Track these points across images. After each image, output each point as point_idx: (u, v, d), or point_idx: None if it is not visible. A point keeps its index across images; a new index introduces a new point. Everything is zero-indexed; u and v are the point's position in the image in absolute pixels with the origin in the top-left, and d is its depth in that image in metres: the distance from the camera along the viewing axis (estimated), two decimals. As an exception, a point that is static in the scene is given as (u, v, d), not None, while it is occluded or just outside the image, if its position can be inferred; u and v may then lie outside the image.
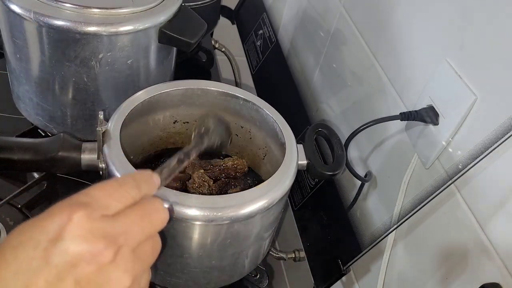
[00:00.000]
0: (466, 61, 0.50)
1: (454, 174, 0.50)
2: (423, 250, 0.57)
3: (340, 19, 0.77)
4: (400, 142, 0.60)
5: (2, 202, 0.71)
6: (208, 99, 0.68)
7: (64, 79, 0.71)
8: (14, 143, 0.60)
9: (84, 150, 0.59)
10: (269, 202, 0.56)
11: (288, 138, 0.63)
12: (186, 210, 0.53)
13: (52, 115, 0.75)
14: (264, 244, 0.65)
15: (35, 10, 0.65)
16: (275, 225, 0.64)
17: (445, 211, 0.53)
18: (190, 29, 0.74)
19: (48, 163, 0.59)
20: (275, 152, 0.67)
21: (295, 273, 0.96)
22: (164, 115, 0.69)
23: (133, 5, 0.69)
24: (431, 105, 0.54)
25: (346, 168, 0.66)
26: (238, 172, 0.68)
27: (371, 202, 0.65)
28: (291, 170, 0.60)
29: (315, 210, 0.76)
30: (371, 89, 0.68)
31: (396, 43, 0.62)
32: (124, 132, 0.60)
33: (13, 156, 0.59)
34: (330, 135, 0.66)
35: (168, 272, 0.61)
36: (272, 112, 0.66)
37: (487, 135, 0.46)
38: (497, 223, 0.47)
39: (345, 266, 0.65)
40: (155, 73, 0.77)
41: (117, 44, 0.69)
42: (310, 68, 0.88)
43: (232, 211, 0.54)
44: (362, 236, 0.64)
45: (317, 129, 0.67)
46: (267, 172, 0.69)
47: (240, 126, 0.70)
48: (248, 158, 0.72)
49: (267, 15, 1.07)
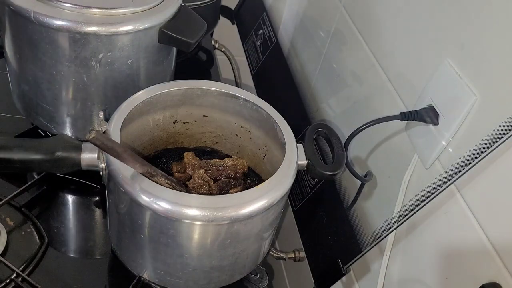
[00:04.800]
0: (466, 61, 0.50)
1: (454, 174, 0.50)
2: (423, 250, 0.57)
3: (340, 19, 0.77)
4: (400, 142, 0.60)
5: (2, 202, 0.71)
6: (207, 99, 0.68)
7: (64, 79, 0.71)
8: (14, 143, 0.60)
9: (84, 150, 0.59)
10: (269, 202, 0.56)
11: (288, 138, 0.63)
12: (186, 210, 0.53)
13: (52, 115, 0.75)
14: (264, 244, 0.65)
15: (35, 10, 0.65)
16: (275, 225, 0.64)
17: (445, 211, 0.53)
18: (190, 29, 0.74)
19: (48, 163, 0.59)
20: (275, 152, 0.67)
21: (295, 273, 0.96)
22: (164, 115, 0.69)
23: (133, 5, 0.69)
24: (431, 105, 0.54)
25: (346, 168, 0.66)
26: (238, 172, 0.68)
27: (371, 202, 0.65)
28: (291, 170, 0.60)
29: (315, 210, 0.76)
30: (371, 89, 0.68)
31: (396, 43, 0.62)
32: (124, 132, 0.60)
33: (13, 156, 0.58)
34: (330, 135, 0.66)
35: (168, 272, 0.61)
36: (272, 112, 0.66)
37: (487, 135, 0.46)
38: (497, 223, 0.47)
39: (345, 266, 0.65)
40: (155, 73, 0.77)
41: (117, 44, 0.69)
42: (310, 68, 0.88)
43: (233, 211, 0.54)
44: (362, 236, 0.64)
45: (317, 129, 0.67)
46: (267, 172, 0.69)
47: (240, 126, 0.70)
48: (248, 158, 0.72)
49: (267, 15, 1.07)
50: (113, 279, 0.69)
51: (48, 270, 0.68)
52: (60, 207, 0.76)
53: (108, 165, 0.56)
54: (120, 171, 0.55)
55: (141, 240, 0.59)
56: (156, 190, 0.54)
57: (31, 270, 0.67)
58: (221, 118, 0.71)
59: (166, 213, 0.53)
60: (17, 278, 0.64)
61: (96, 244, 0.73)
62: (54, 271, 0.68)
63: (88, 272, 0.69)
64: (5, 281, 0.64)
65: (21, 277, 0.64)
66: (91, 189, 0.79)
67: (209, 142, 0.74)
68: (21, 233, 0.71)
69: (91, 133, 0.49)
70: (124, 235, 0.62)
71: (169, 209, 0.53)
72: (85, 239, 0.73)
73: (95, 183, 0.78)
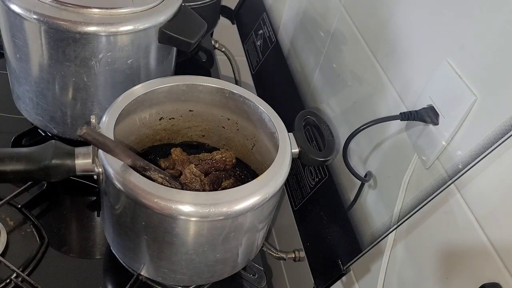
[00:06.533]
0: (466, 61, 0.50)
1: (454, 174, 0.50)
2: (423, 250, 0.57)
3: (340, 19, 0.77)
4: (400, 142, 0.60)
5: (2, 202, 0.71)
6: (193, 94, 0.68)
7: (64, 79, 0.71)
8: (4, 154, 0.58)
9: (77, 156, 0.58)
10: (271, 191, 0.57)
11: (279, 127, 0.64)
12: (195, 209, 0.53)
13: (52, 115, 0.75)
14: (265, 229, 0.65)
15: (35, 10, 0.65)
16: (272, 214, 0.65)
17: (445, 211, 0.53)
18: (190, 29, 0.74)
19: (42, 172, 0.57)
20: (264, 142, 0.68)
21: (295, 273, 0.96)
22: (150, 113, 0.68)
23: (133, 5, 0.69)
24: (431, 105, 0.54)
25: (346, 167, 0.66)
26: (227, 165, 0.69)
27: (371, 202, 0.65)
28: (287, 159, 0.60)
29: (315, 210, 0.76)
30: (371, 89, 0.68)
31: (396, 43, 0.62)
32: (114, 134, 0.59)
33: (5, 167, 0.57)
34: (319, 122, 0.67)
35: (173, 269, 0.61)
36: (260, 103, 0.66)
37: (487, 135, 0.46)
38: (497, 223, 0.47)
39: (345, 266, 0.65)
40: (155, 73, 0.77)
41: (117, 44, 0.69)
42: (310, 68, 0.87)
43: (241, 203, 0.54)
44: (362, 236, 0.64)
45: (305, 116, 0.68)
46: (257, 161, 0.70)
47: (227, 118, 0.70)
48: (235, 150, 0.72)
49: (267, 15, 1.07)
50: (113, 278, 0.69)
51: (48, 270, 0.68)
52: (60, 207, 0.76)
53: (105, 169, 0.56)
54: (119, 174, 0.54)
55: (143, 240, 0.59)
56: (156, 189, 0.54)
57: (31, 270, 0.67)
58: (207, 112, 0.71)
59: (170, 212, 0.53)
60: (17, 278, 0.64)
61: (96, 244, 0.73)
62: (54, 271, 0.68)
63: (88, 272, 0.69)
64: (5, 281, 0.64)
65: (21, 277, 0.64)
66: (91, 189, 0.79)
67: (195, 136, 0.74)
68: (21, 233, 0.71)
69: (82, 129, 0.48)
70: (122, 236, 0.62)
71: (172, 207, 0.53)
72: (85, 239, 0.73)
73: (94, 183, 0.78)
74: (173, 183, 0.60)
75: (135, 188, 0.53)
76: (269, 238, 1.11)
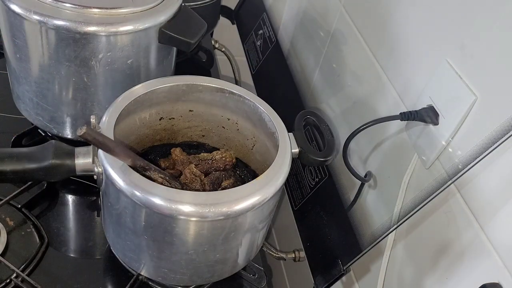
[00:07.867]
0: (466, 61, 0.50)
1: (454, 174, 0.50)
2: (423, 250, 0.57)
3: (340, 19, 0.77)
4: (400, 142, 0.60)
5: (2, 202, 0.71)
6: (193, 94, 0.68)
7: (64, 79, 0.71)
8: (4, 154, 0.58)
9: (77, 156, 0.58)
10: (271, 191, 0.57)
11: (279, 127, 0.64)
12: (195, 209, 0.53)
13: (52, 115, 0.75)
14: (266, 227, 0.65)
15: (35, 10, 0.65)
16: (272, 214, 0.65)
17: (445, 211, 0.53)
18: (190, 29, 0.74)
19: (41, 171, 0.57)
20: (264, 142, 0.67)
21: (295, 273, 0.96)
22: (150, 113, 0.68)
23: (133, 5, 0.69)
24: (431, 105, 0.54)
25: (346, 167, 0.66)
26: (227, 165, 0.69)
27: (371, 202, 0.65)
28: (287, 159, 0.60)
29: (315, 210, 0.76)
30: (371, 89, 0.68)
31: (396, 43, 0.62)
32: (114, 134, 0.59)
33: (5, 167, 0.57)
34: (319, 122, 0.67)
35: (173, 269, 0.61)
36: (260, 103, 0.66)
37: (487, 135, 0.46)
38: (497, 223, 0.47)
39: (345, 266, 0.65)
40: (155, 73, 0.77)
41: (117, 44, 0.69)
42: (310, 68, 0.87)
43: (241, 203, 0.54)
44: (362, 236, 0.64)
45: (305, 116, 0.68)
46: (257, 161, 0.70)
47: (227, 118, 0.70)
48: (235, 149, 0.72)
49: (267, 15, 1.07)
50: (113, 278, 0.69)
51: (48, 270, 0.68)
52: (60, 207, 0.76)
53: (105, 169, 0.56)
54: (119, 174, 0.54)
55: (143, 240, 0.59)
56: (156, 190, 0.54)
57: (31, 270, 0.67)
58: (207, 112, 0.71)
59: (170, 212, 0.53)
60: (17, 278, 0.64)
61: (96, 244, 0.73)
62: (54, 271, 0.68)
63: (88, 272, 0.69)
64: (5, 281, 0.64)
65: (21, 277, 0.64)
66: (91, 189, 0.79)
67: (195, 136, 0.74)
68: (21, 233, 0.71)
69: (82, 129, 0.48)
70: (122, 236, 0.62)
71: (172, 207, 0.53)
72: (85, 239, 0.73)
73: (94, 183, 0.78)
74: (173, 183, 0.60)
75: (135, 188, 0.53)
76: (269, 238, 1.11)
